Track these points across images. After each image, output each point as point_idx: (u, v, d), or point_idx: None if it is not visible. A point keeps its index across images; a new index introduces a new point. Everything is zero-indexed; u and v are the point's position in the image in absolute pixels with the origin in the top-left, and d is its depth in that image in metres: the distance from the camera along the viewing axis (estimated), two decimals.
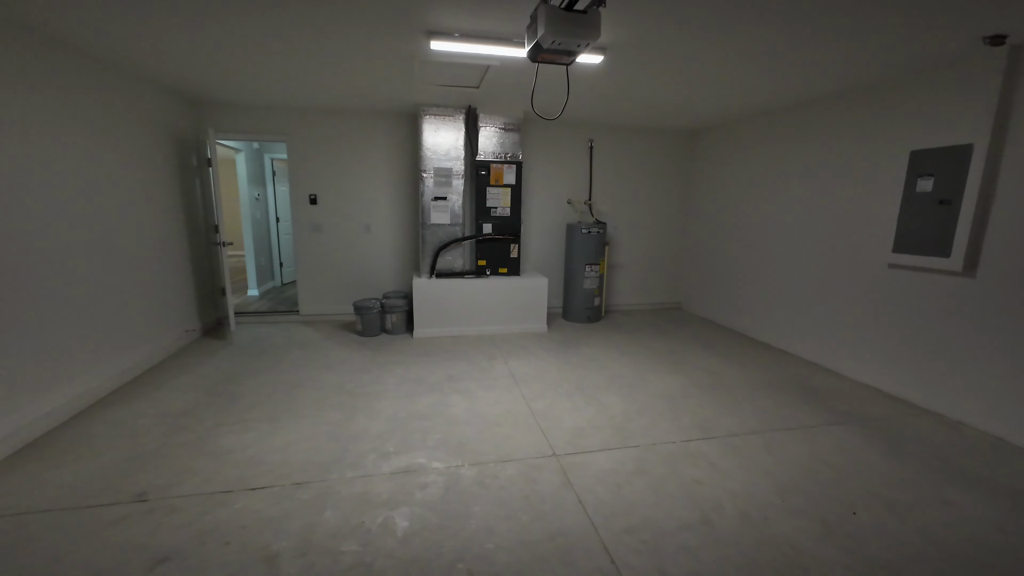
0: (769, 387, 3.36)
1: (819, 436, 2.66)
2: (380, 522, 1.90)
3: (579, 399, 3.11)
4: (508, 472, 2.27)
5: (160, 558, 1.69)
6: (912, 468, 2.35)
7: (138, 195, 3.50)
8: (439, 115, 4.39)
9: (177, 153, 4.10)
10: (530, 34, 1.96)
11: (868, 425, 2.80)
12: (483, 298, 4.58)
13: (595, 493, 2.11)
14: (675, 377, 3.53)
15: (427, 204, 4.50)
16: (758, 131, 4.53)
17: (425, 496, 2.07)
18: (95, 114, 3.04)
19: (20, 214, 2.46)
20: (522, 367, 3.70)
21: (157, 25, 2.49)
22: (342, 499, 2.04)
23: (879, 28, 2.35)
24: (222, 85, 3.77)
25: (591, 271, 5.00)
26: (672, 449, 2.50)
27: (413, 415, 2.84)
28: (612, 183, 5.47)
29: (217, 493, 2.06)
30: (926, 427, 2.79)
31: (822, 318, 3.84)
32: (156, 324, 3.71)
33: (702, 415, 2.90)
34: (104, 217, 3.12)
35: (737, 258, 4.88)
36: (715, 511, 1.99)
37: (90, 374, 2.96)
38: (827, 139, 3.76)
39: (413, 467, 2.29)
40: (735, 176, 4.89)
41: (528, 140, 5.13)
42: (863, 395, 3.25)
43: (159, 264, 3.77)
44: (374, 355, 3.94)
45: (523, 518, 1.94)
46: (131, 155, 3.42)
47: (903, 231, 3.14)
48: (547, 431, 2.67)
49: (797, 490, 2.15)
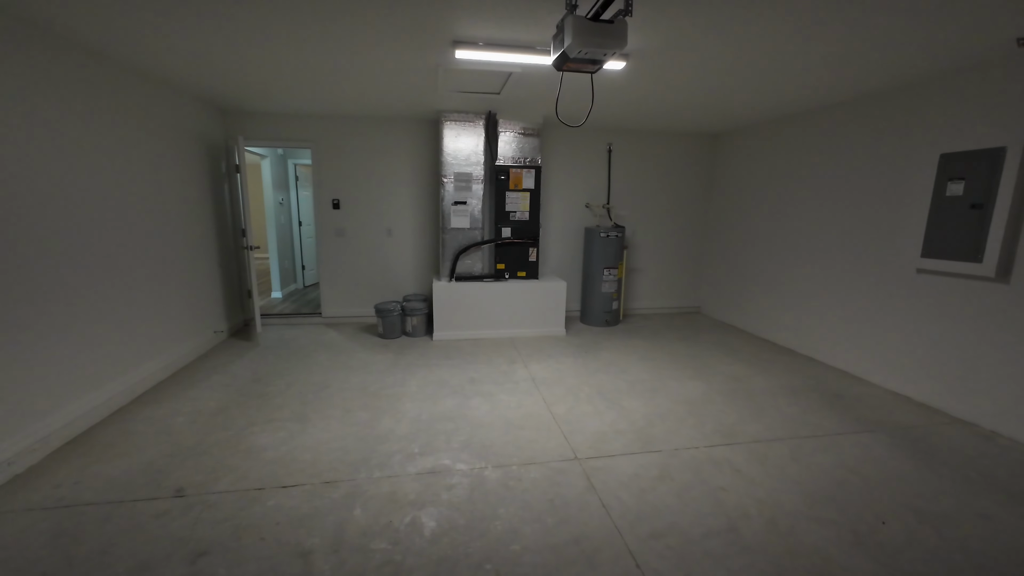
0: (794, 394, 3.32)
1: (847, 444, 2.62)
2: (408, 521, 1.94)
3: (600, 403, 3.12)
4: (532, 475, 2.29)
5: (200, 552, 1.77)
6: (946, 479, 2.30)
7: (173, 199, 3.64)
8: (460, 121, 4.46)
9: (208, 160, 4.25)
10: (556, 43, 2.00)
11: (898, 434, 2.75)
12: (502, 301, 4.62)
13: (619, 498, 2.12)
14: (697, 383, 3.51)
15: (447, 208, 4.56)
16: (782, 134, 4.48)
17: (451, 497, 2.11)
18: (135, 123, 3.18)
19: (65, 218, 2.59)
20: (542, 371, 3.72)
21: (193, 38, 2.60)
22: (371, 498, 2.09)
23: (911, 29, 2.32)
24: (253, 96, 3.90)
25: (609, 275, 5.00)
26: (696, 455, 2.49)
27: (437, 417, 2.89)
28: (631, 187, 5.47)
29: (251, 490, 2.14)
30: (959, 437, 2.72)
31: (848, 324, 3.77)
32: (188, 325, 3.84)
33: (726, 421, 2.88)
34: (142, 220, 3.25)
35: (759, 262, 4.82)
36: (742, 518, 1.98)
37: (129, 373, 3.09)
38: (854, 141, 3.70)
39: (438, 468, 2.33)
40: (758, 179, 4.84)
41: (547, 145, 5.17)
42: (892, 403, 3.19)
43: (192, 266, 3.91)
44: (396, 357, 4.01)
45: (548, 521, 1.96)
46: (167, 161, 3.56)
47: (933, 235, 3.07)
48: (569, 435, 2.69)
49: (825, 499, 2.12)
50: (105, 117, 2.89)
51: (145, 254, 3.28)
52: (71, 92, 2.63)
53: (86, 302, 2.73)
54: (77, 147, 2.67)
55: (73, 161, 2.64)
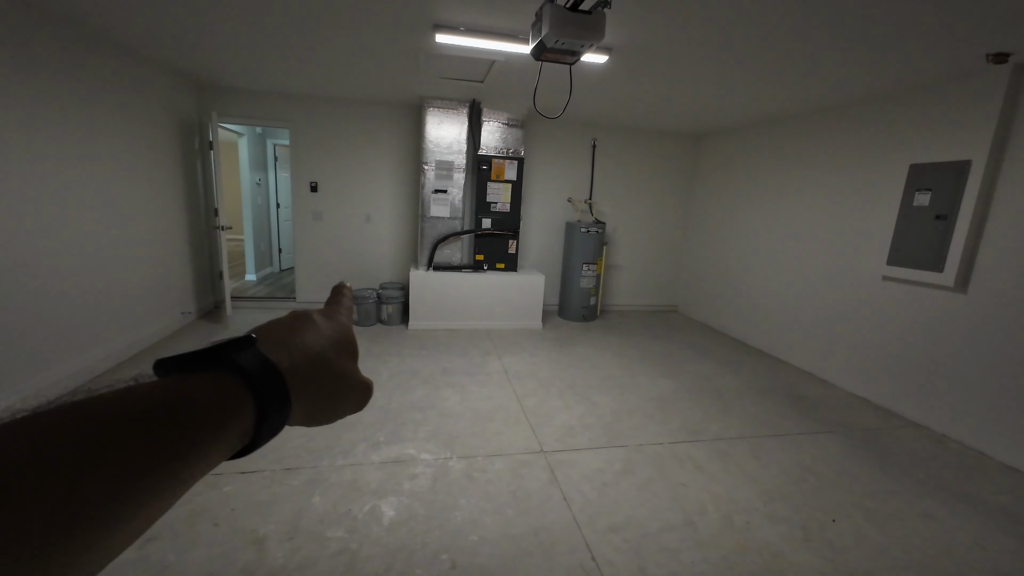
0: (761, 394, 3.39)
1: (806, 444, 2.69)
2: (367, 510, 1.92)
3: (570, 397, 3.14)
4: (496, 467, 2.29)
5: (149, 536, 1.72)
6: (895, 480, 2.38)
7: (140, 174, 3.49)
8: (443, 108, 4.39)
9: (180, 135, 4.10)
10: (535, 32, 1.97)
11: (855, 435, 2.83)
12: (480, 293, 4.60)
13: (581, 491, 2.13)
14: (667, 380, 3.55)
15: (427, 197, 4.50)
16: (761, 138, 4.53)
17: (413, 487, 2.09)
18: (97, 91, 3.03)
19: (14, 186, 2.47)
20: (516, 363, 3.72)
21: (165, 6, 2.49)
22: (331, 485, 2.06)
23: (887, 42, 2.36)
24: (229, 70, 3.76)
25: (588, 270, 5.01)
26: (659, 451, 2.52)
27: (406, 407, 2.86)
28: (614, 183, 5.48)
29: (208, 476, 2.08)
30: (912, 439, 2.82)
31: (817, 327, 3.86)
32: (153, 305, 3.72)
33: (692, 419, 2.93)
34: (104, 192, 3.12)
35: (735, 264, 4.89)
36: (698, 514, 2.02)
37: (86, 353, 2.97)
38: (830, 149, 3.77)
39: (403, 457, 2.31)
40: (737, 181, 4.90)
41: (531, 137, 5.13)
42: (853, 405, 3.29)
43: (158, 244, 3.78)
44: (369, 345, 3.96)
45: (508, 512, 1.96)
46: (134, 134, 3.41)
47: (899, 244, 3.16)
48: (537, 428, 2.70)
49: (780, 496, 2.18)
50: (63, 85, 2.75)
51: (107, 227, 3.15)
52: (15, 52, 2.49)
53: (36, 275, 2.60)
54: (29, 113, 2.53)
55: (23, 128, 2.50)
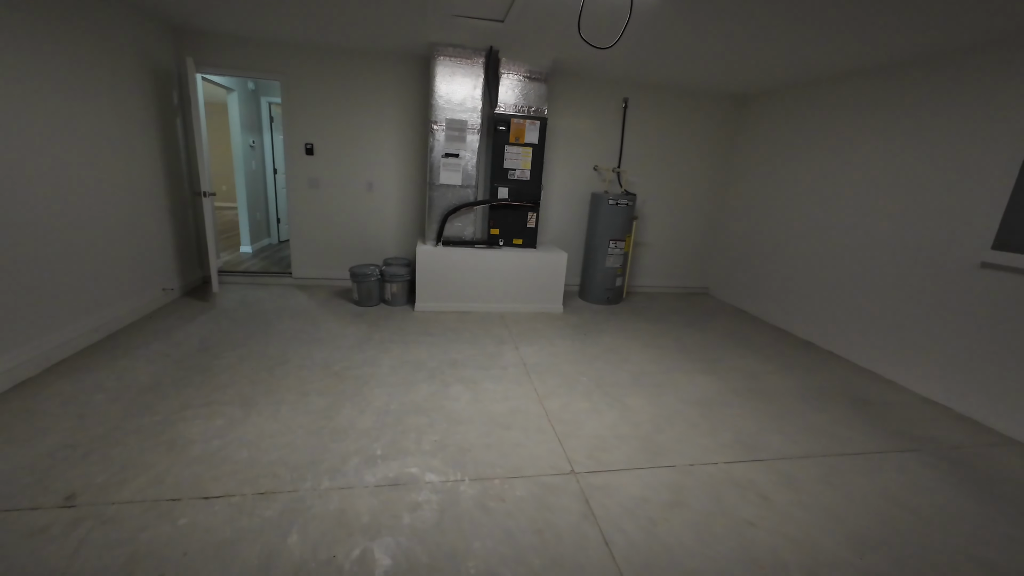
0: (818, 397, 2.92)
1: (887, 466, 2.23)
2: (356, 556, 1.52)
3: (599, 399, 2.70)
4: (517, 492, 1.87)
5: None
6: (1008, 518, 1.92)
7: (103, 130, 3.00)
8: (455, 57, 3.79)
9: (155, 88, 3.57)
10: None
11: (944, 455, 2.37)
12: (494, 271, 4.12)
13: (624, 530, 1.71)
14: (709, 378, 3.09)
15: (436, 161, 3.97)
16: (818, 98, 3.88)
17: (414, 521, 1.68)
18: (40, 27, 2.51)
19: None
20: (535, 355, 3.28)
21: None
22: (313, 518, 1.66)
23: None
24: (208, 7, 3.19)
25: (615, 247, 4.49)
26: (713, 473, 2.09)
27: (408, 408, 2.45)
28: (645, 150, 4.87)
29: (163, 501, 1.69)
30: (1016, 462, 2.35)
31: (882, 318, 3.34)
32: (130, 280, 3.31)
33: (744, 429, 2.48)
34: (64, 153, 2.64)
35: (781, 244, 4.33)
36: (777, 569, 1.59)
37: (47, 336, 2.58)
38: (906, 111, 3.14)
39: (403, 479, 1.90)
40: (786, 148, 4.28)
41: (555, 94, 4.51)
42: (929, 414, 2.81)
43: (132, 212, 3.32)
44: (370, 330, 3.54)
45: (535, 562, 1.55)
46: (98, 86, 2.91)
47: (1011, 225, 2.59)
48: (564, 438, 2.27)
49: (874, 542, 1.74)
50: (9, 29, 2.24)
51: (70, 192, 2.69)
52: None
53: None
54: None
55: None
